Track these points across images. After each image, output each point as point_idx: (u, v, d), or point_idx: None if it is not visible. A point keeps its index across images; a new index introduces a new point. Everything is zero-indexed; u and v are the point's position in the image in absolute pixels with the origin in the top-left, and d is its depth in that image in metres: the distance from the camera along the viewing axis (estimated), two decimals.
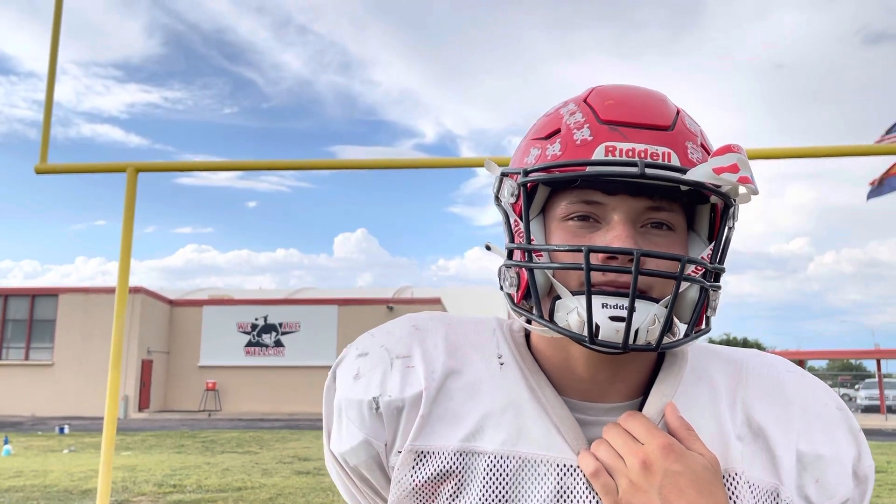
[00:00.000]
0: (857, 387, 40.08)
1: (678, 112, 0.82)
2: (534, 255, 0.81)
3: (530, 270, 0.79)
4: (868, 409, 33.49)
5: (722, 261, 0.82)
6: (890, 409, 31.68)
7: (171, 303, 30.95)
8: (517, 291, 0.83)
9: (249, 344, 30.14)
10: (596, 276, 0.76)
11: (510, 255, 0.84)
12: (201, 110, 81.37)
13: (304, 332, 29.82)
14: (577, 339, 0.76)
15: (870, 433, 20.77)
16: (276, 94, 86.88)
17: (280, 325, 30.19)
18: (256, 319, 30.31)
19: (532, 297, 0.80)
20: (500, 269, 0.85)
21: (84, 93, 79.16)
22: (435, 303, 29.56)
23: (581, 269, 0.75)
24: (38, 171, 5.14)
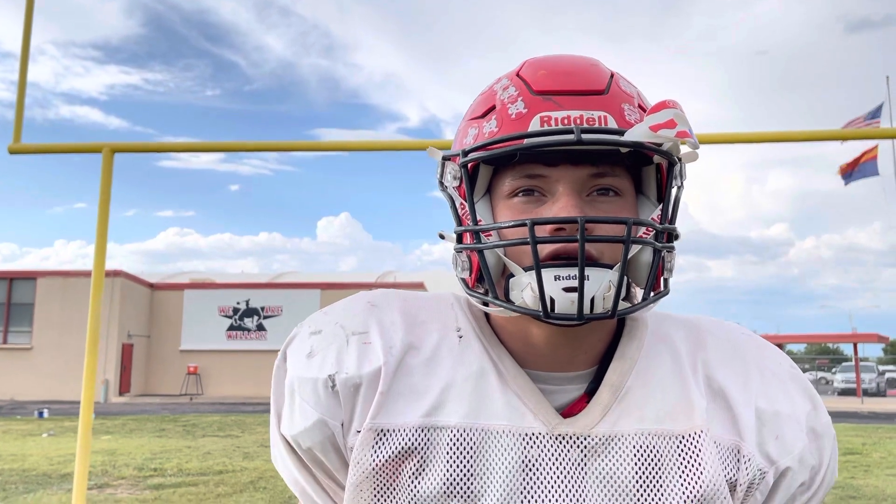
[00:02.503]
0: (834, 370, 40.71)
1: (612, 75, 0.82)
2: (482, 235, 0.80)
3: (480, 252, 0.79)
4: (844, 392, 34.05)
5: (673, 220, 0.81)
6: (866, 392, 32.23)
7: (152, 286, 30.72)
8: (470, 275, 0.82)
9: (231, 328, 30.02)
10: (545, 249, 0.75)
11: (459, 239, 0.83)
12: (182, 92, 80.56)
13: (286, 316, 29.72)
14: (533, 315, 0.75)
15: (846, 416, 21.13)
16: (258, 77, 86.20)
17: (262, 309, 30.08)
18: (238, 303, 30.17)
19: (485, 279, 0.79)
20: (452, 256, 0.84)
21: (62, 74, 78.10)
22: (418, 287, 29.57)
23: (527, 243, 0.74)
24: (12, 152, 5.05)
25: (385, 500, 0.79)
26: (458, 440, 0.78)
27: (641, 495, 0.77)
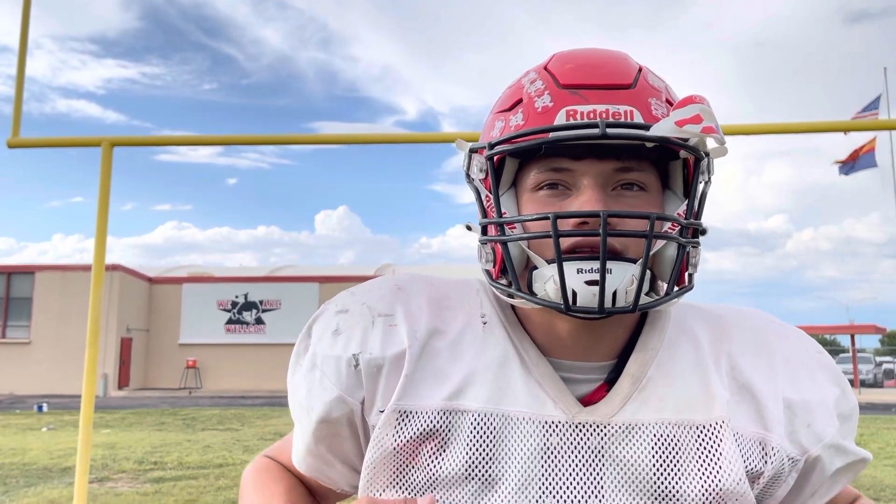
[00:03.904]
0: None
1: (640, 69, 0.82)
2: (507, 227, 0.81)
3: (504, 244, 0.79)
4: None
5: (699, 216, 0.82)
6: (863, 384, 32.32)
7: (151, 280, 30.69)
8: (494, 266, 0.83)
9: (230, 322, 30.01)
10: (568, 241, 0.76)
11: (484, 230, 0.84)
12: (180, 86, 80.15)
13: (284, 309, 29.72)
14: (554, 308, 0.76)
15: None
16: (255, 70, 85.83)
17: (261, 302, 30.07)
18: (237, 297, 30.15)
19: (508, 271, 0.80)
20: (478, 247, 0.85)
21: (59, 67, 77.69)
22: None
23: (550, 236, 0.75)
24: (11, 146, 5.03)
25: (403, 480, 0.81)
26: (479, 424, 0.80)
27: (659, 484, 0.78)
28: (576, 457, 0.79)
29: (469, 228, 0.87)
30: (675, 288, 0.80)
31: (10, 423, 15.63)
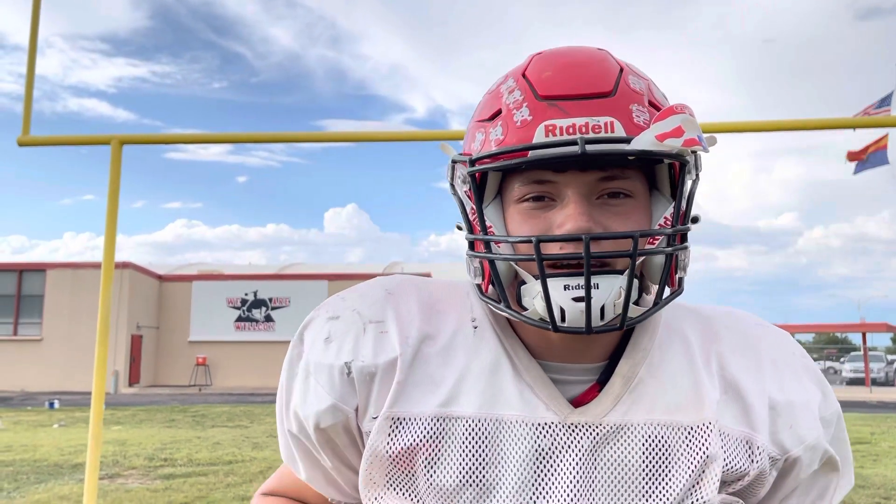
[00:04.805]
0: (842, 360, 40.57)
1: (621, 71, 0.80)
2: (492, 244, 0.80)
3: (491, 262, 0.79)
4: (853, 382, 33.93)
5: (686, 219, 0.81)
6: (874, 382, 32.14)
7: (161, 278, 30.84)
8: (483, 280, 0.83)
9: (239, 319, 30.14)
10: (555, 255, 0.76)
11: (471, 245, 0.83)
12: (190, 84, 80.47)
13: (294, 307, 29.82)
14: (542, 327, 0.76)
15: (854, 405, 21.07)
16: (265, 69, 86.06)
17: (270, 300, 30.18)
18: (246, 295, 30.28)
19: (496, 287, 0.80)
20: (466, 259, 0.85)
21: (70, 66, 78.11)
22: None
23: (533, 259, 0.74)
24: (21, 144, 5.06)
25: (402, 488, 0.81)
26: (472, 430, 0.80)
27: (649, 484, 0.79)
28: (568, 458, 0.79)
29: (459, 228, 0.86)
30: (665, 293, 0.79)
31: (22, 419, 15.75)
